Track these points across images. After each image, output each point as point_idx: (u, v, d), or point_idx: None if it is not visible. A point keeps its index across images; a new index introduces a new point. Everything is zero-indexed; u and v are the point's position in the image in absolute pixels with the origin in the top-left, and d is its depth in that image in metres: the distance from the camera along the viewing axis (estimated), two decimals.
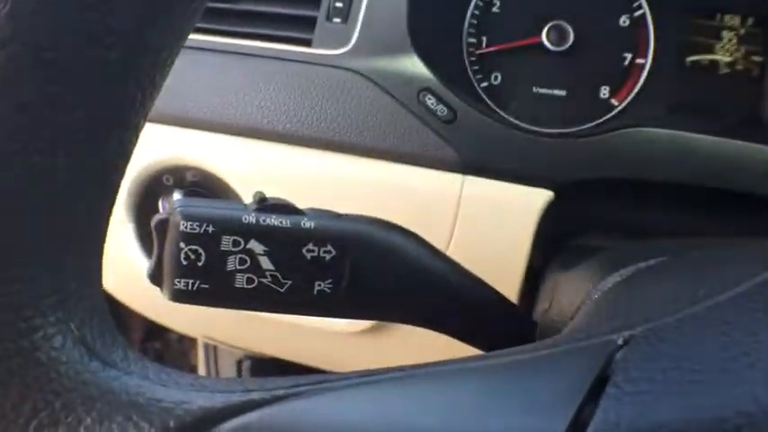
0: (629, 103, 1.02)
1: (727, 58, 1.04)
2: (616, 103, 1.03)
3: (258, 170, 0.93)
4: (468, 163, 0.87)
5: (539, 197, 0.88)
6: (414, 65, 0.89)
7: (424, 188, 0.88)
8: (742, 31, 1.04)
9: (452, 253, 0.88)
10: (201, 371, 1.31)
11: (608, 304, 0.59)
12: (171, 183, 0.98)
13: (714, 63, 1.03)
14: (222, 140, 0.94)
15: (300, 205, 0.92)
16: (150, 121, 0.42)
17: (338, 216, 0.66)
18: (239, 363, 1.28)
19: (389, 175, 0.89)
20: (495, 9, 1.04)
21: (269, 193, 0.94)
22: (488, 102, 1.02)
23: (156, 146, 0.96)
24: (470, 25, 1.03)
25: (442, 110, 0.88)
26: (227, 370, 1.30)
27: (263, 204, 0.61)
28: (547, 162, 0.88)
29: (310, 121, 0.90)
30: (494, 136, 0.88)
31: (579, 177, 0.88)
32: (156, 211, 0.98)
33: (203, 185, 0.97)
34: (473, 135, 0.87)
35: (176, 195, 0.96)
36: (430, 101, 0.88)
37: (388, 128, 0.88)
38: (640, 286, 0.60)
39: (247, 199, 0.95)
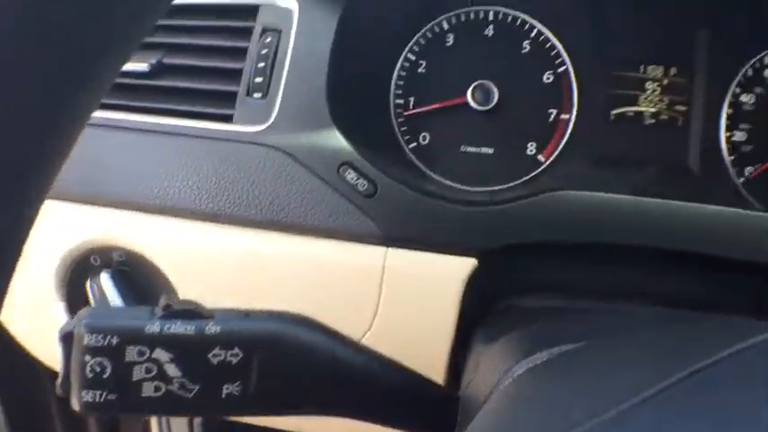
0: (555, 159, 1.03)
1: (652, 109, 1.05)
2: (543, 159, 1.03)
3: (184, 250, 0.93)
4: (389, 236, 0.88)
5: (463, 266, 0.88)
6: (334, 139, 0.89)
7: (348, 262, 0.88)
8: (665, 82, 1.05)
9: (379, 326, 0.89)
10: (155, 429, 1.31)
11: (511, 403, 0.60)
12: (99, 263, 0.97)
13: (639, 114, 1.04)
14: (147, 220, 0.94)
15: (227, 285, 0.93)
16: (76, 201, 0.42)
17: (246, 315, 0.65)
18: (191, 422, 1.27)
19: (313, 250, 0.89)
20: (421, 69, 1.04)
21: (196, 274, 0.94)
22: (417, 162, 1.03)
23: (83, 226, 0.96)
24: (397, 86, 1.04)
25: (362, 184, 0.88)
26: (180, 428, 1.29)
27: (169, 311, 0.60)
28: (469, 230, 0.88)
29: (233, 199, 0.90)
30: (415, 207, 0.88)
31: (503, 244, 0.88)
32: (85, 289, 0.98)
33: (130, 265, 0.96)
34: (394, 207, 0.87)
35: (103, 275, 0.96)
36: (350, 175, 0.88)
37: (309, 204, 0.88)
38: (545, 383, 0.60)
39: (176, 280, 0.95)
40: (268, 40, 0.93)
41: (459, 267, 0.88)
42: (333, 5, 0.92)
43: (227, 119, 0.92)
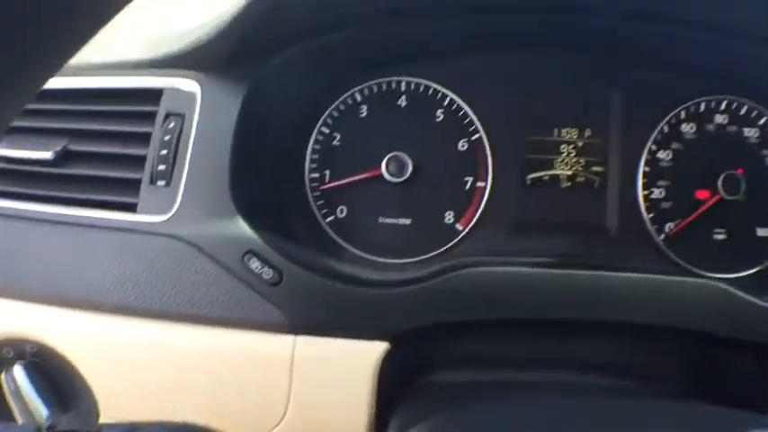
0: (473, 227, 1.02)
1: (568, 172, 1.04)
2: (461, 228, 1.02)
3: (93, 343, 0.91)
4: (297, 324, 0.86)
5: (374, 350, 0.87)
6: (237, 227, 0.88)
7: (257, 352, 0.87)
8: (580, 144, 1.04)
9: (291, 417, 0.87)
10: None
11: None
12: (12, 355, 0.95)
13: (555, 178, 1.04)
14: (56, 313, 0.93)
15: (137, 378, 0.91)
16: None
17: (133, 429, 0.64)
18: None
19: (220, 341, 0.87)
20: (335, 142, 1.03)
21: (107, 367, 0.92)
22: (334, 236, 1.02)
23: None
24: (312, 160, 1.03)
25: (267, 272, 0.86)
26: None
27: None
28: (379, 314, 0.87)
29: (138, 292, 0.88)
30: (322, 293, 0.87)
31: (414, 325, 0.87)
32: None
33: (43, 357, 0.94)
34: (301, 295, 0.86)
35: (17, 368, 0.94)
36: (254, 264, 0.86)
37: (214, 295, 0.87)
38: None
39: (87, 372, 0.93)
40: (171, 125, 0.92)
41: (371, 352, 0.86)
42: (236, 87, 0.91)
43: (131, 207, 0.91)
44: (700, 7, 0.92)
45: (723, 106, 1.04)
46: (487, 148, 1.01)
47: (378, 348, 0.86)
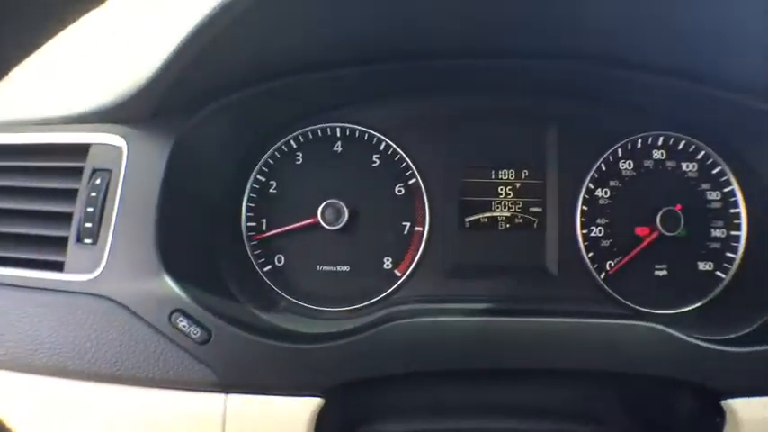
0: (411, 272, 1.01)
1: (506, 214, 1.03)
2: (399, 274, 1.01)
3: (24, 402, 0.89)
4: (227, 381, 0.85)
5: (308, 405, 0.85)
6: (164, 286, 0.86)
7: (188, 411, 0.85)
8: (518, 185, 1.04)
9: None
10: None
11: None
12: None
13: (493, 220, 1.03)
14: None
15: None
16: None
17: None
18: None
19: (150, 401, 0.85)
20: (272, 190, 1.02)
21: (39, 428, 0.90)
22: (272, 286, 1.00)
23: None
24: (249, 209, 1.01)
25: (195, 331, 0.85)
26: None
27: None
28: (311, 369, 0.85)
29: (66, 352, 0.86)
30: (253, 350, 0.85)
31: (346, 379, 0.85)
32: None
33: None
34: (230, 353, 0.84)
35: None
36: (182, 323, 0.85)
37: (142, 354, 0.85)
38: None
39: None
40: (98, 181, 0.90)
41: (305, 407, 0.85)
42: (161, 141, 0.90)
43: (58, 266, 0.89)
44: (637, 49, 0.92)
45: (660, 142, 1.04)
46: (424, 192, 1.01)
47: (311, 404, 0.84)
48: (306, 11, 0.80)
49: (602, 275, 1.02)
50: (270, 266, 1.01)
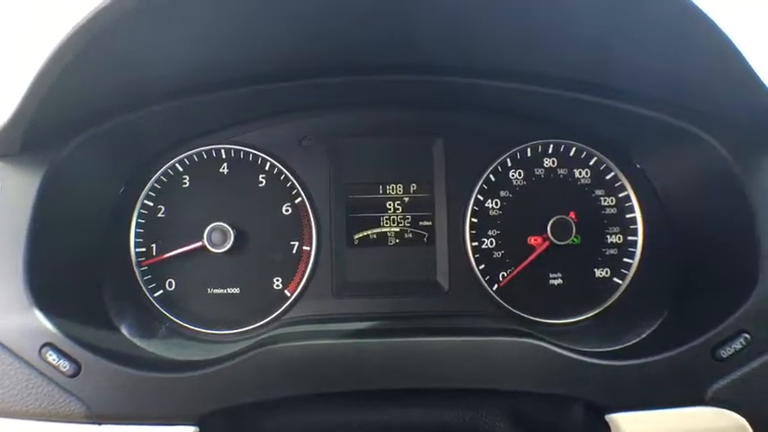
0: (301, 291, 1.01)
1: (395, 229, 1.03)
2: (289, 294, 1.01)
3: None
4: (99, 413, 0.85)
5: None
6: (34, 320, 0.86)
7: None
8: (407, 199, 1.03)
9: None
10: None
11: None
12: None
13: (382, 236, 1.03)
14: None
15: None
16: None
17: None
18: None
19: None
20: (160, 215, 1.02)
21: None
22: (162, 310, 1.00)
23: None
24: (138, 234, 1.01)
25: (64, 364, 0.85)
26: None
27: None
28: (183, 398, 0.85)
29: None
30: (123, 381, 0.85)
31: (219, 407, 0.85)
32: None
33: None
34: (101, 384, 0.85)
35: None
36: (51, 357, 0.85)
37: (16, 387, 0.85)
38: None
39: None
40: None
41: None
42: (31, 174, 0.89)
43: None
44: (522, 60, 0.91)
45: (551, 150, 1.04)
46: (310, 211, 1.00)
47: None
48: (167, 36, 0.80)
49: (495, 288, 1.01)
50: (161, 291, 1.01)
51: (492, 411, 0.96)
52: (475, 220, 1.01)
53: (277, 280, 1.00)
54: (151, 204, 1.02)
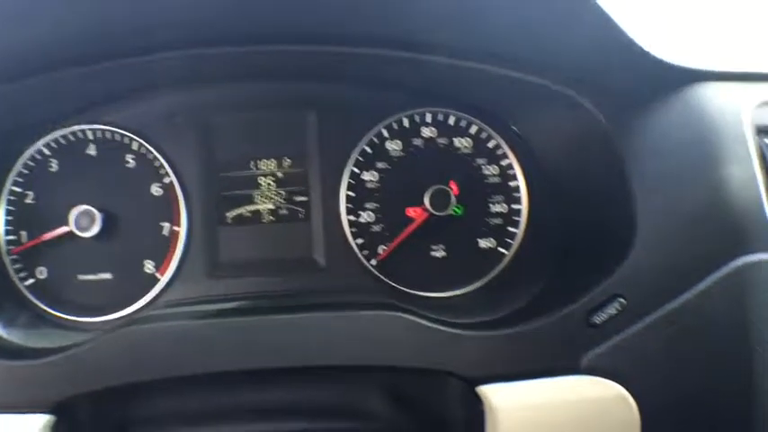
0: (174, 274, 0.99)
1: (269, 206, 1.00)
2: (160, 276, 0.98)
3: None
4: None
5: (34, 422, 0.83)
6: None
7: None
8: (280, 175, 1.01)
9: None
10: None
11: None
12: None
13: (256, 213, 1.00)
14: None
15: None
16: None
17: None
18: None
19: None
20: (29, 200, 0.99)
21: None
22: (34, 300, 0.98)
23: None
24: (7, 222, 0.98)
25: None
26: None
27: None
28: (34, 384, 0.83)
29: None
30: None
31: (73, 393, 0.83)
32: None
33: None
34: None
35: None
36: None
37: None
38: None
39: None
40: None
41: (31, 425, 0.82)
42: None
43: None
44: (398, 28, 0.88)
45: (429, 119, 1.01)
46: (179, 190, 0.97)
47: (38, 421, 0.82)
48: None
49: (373, 262, 0.98)
50: (33, 280, 0.98)
51: (368, 389, 0.93)
52: (351, 193, 0.98)
53: (149, 263, 0.98)
54: (19, 191, 0.99)
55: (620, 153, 0.85)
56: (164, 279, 0.98)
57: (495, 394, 0.86)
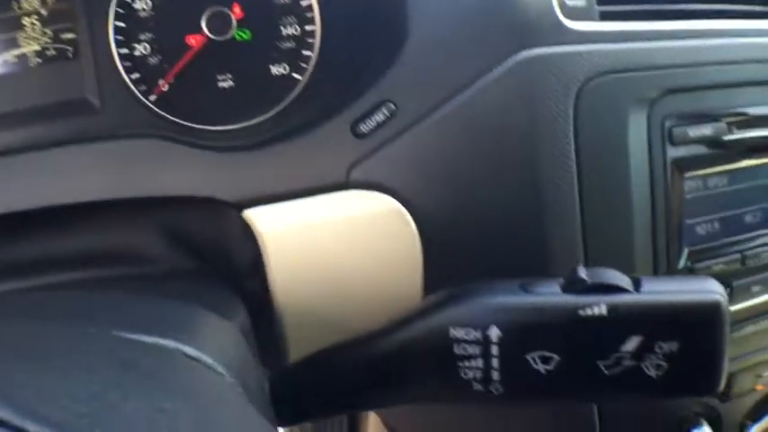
0: None
1: (35, 47, 0.92)
2: None
3: None
4: None
5: None
6: None
7: None
8: (45, 12, 0.92)
9: None
10: None
11: None
12: None
13: (23, 57, 0.92)
14: None
15: None
16: None
17: None
18: None
19: None
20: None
21: None
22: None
23: None
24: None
25: None
26: None
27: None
28: None
29: None
30: None
31: None
32: None
33: None
34: None
35: None
36: None
37: None
38: None
39: None
40: None
41: None
42: None
43: None
44: None
45: None
46: None
47: None
48: None
49: (152, 98, 0.90)
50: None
51: (144, 230, 0.87)
52: (122, 24, 0.90)
53: None
54: None
55: None
56: None
57: (259, 217, 0.79)
